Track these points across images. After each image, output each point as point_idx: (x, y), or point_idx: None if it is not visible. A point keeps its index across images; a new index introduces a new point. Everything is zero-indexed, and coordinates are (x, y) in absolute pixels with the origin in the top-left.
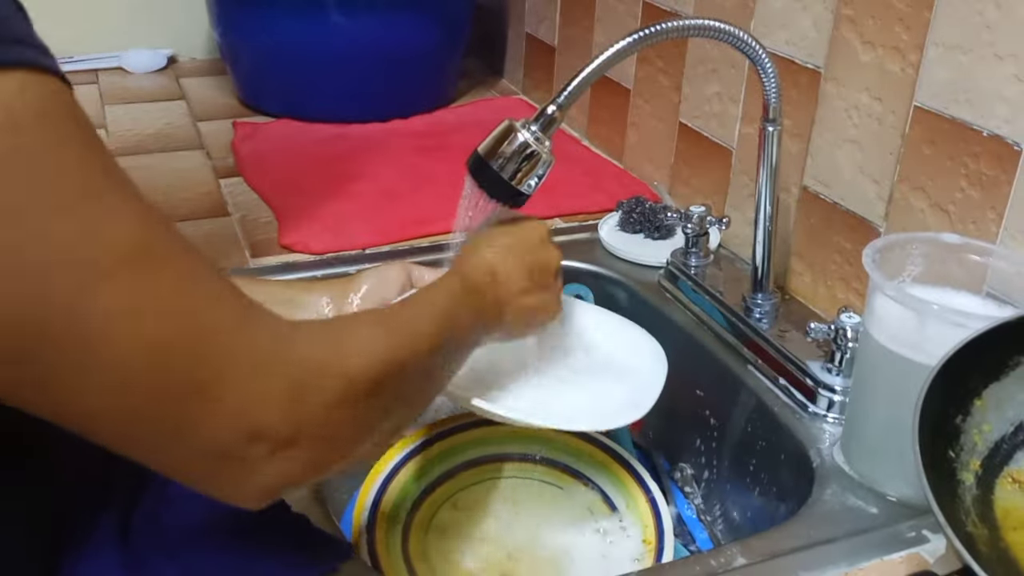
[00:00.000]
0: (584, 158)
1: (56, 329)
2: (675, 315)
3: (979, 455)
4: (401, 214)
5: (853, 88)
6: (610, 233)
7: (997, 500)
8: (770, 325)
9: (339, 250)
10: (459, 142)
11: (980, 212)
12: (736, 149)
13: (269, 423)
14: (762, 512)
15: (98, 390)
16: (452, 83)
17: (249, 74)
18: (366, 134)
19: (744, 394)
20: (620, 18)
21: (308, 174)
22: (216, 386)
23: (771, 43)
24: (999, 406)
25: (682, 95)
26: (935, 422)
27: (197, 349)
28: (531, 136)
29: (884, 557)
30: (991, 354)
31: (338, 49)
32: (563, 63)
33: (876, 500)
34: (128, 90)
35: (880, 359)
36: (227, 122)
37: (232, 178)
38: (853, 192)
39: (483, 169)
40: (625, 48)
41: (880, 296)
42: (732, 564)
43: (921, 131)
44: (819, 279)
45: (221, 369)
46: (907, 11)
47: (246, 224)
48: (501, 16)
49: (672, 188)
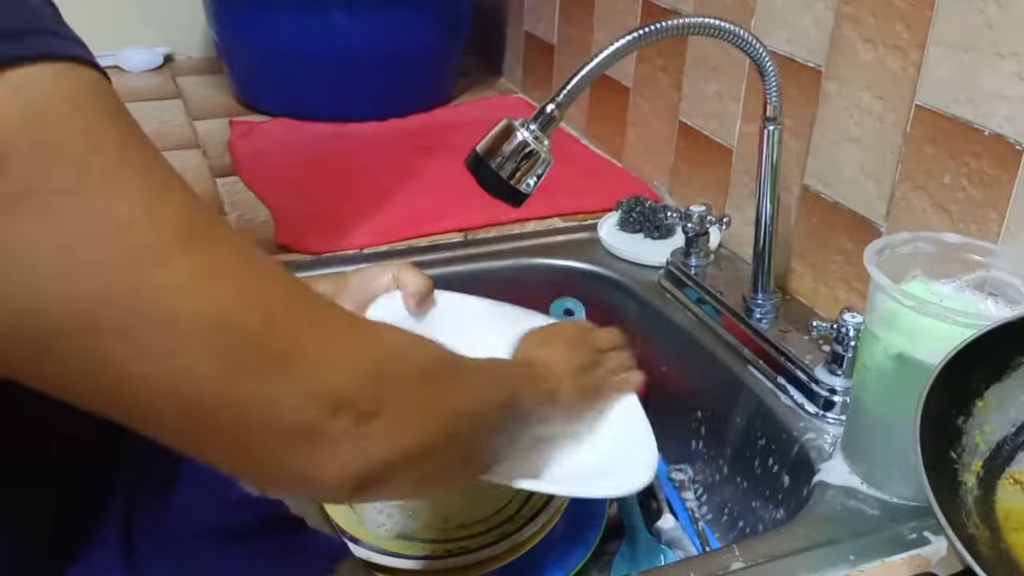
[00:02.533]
0: (583, 157)
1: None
2: (675, 315)
3: (981, 456)
4: (399, 213)
5: (854, 87)
6: (610, 233)
7: (999, 501)
8: (771, 325)
9: (336, 250)
10: (458, 141)
11: (982, 212)
12: (736, 148)
13: (353, 392)
14: (762, 513)
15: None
16: (450, 82)
17: (246, 72)
18: (364, 133)
19: (744, 395)
20: (619, 16)
21: (305, 173)
22: (295, 354)
23: (772, 41)
24: (1001, 407)
25: (682, 94)
26: (937, 423)
27: (270, 318)
28: (530, 135)
29: (885, 559)
30: (993, 354)
31: (336, 47)
32: (562, 62)
33: (877, 502)
34: (124, 88)
35: (881, 359)
36: (224, 121)
37: (228, 177)
38: (854, 191)
39: (482, 168)
40: (625, 46)
41: (881, 296)
42: (732, 566)
43: (922, 130)
44: (820, 279)
45: (298, 337)
46: (908, 9)
47: (242, 223)
48: (500, 14)
49: (672, 187)
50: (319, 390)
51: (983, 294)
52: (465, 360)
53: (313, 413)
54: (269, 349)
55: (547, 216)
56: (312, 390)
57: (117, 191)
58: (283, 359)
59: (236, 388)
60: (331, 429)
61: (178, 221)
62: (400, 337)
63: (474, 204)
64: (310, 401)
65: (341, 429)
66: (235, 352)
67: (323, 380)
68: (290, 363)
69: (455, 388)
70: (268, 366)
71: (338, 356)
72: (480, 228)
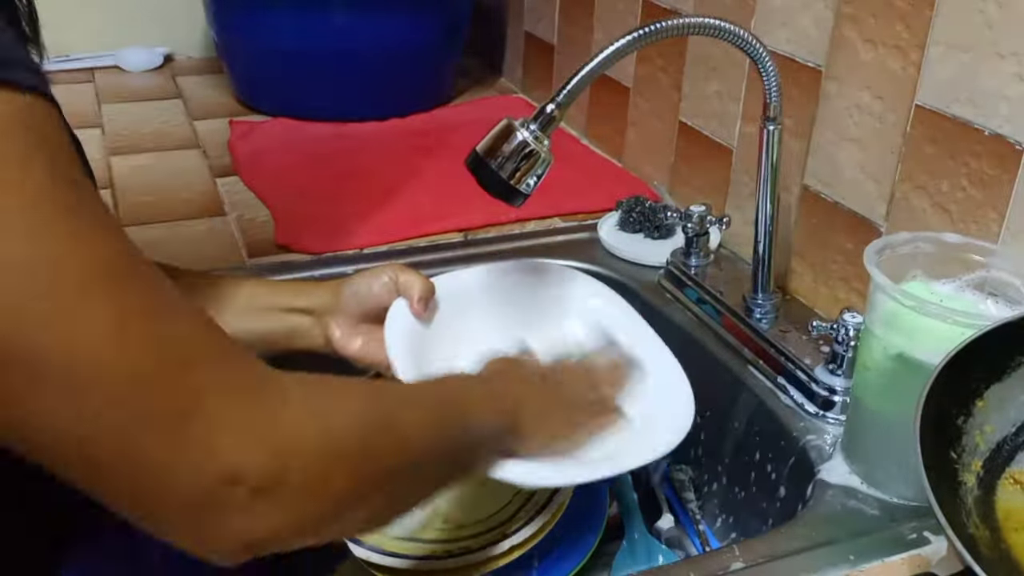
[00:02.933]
0: (583, 157)
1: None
2: (675, 315)
3: (981, 456)
4: (399, 213)
5: (854, 87)
6: (610, 233)
7: (999, 501)
8: (771, 325)
9: (336, 250)
10: (458, 141)
11: (981, 212)
12: (736, 148)
13: (250, 464)
14: (762, 513)
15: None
16: (451, 81)
17: (246, 72)
18: (364, 133)
19: (744, 394)
20: (619, 16)
21: (305, 173)
22: (193, 418)
23: (771, 41)
24: (1001, 407)
25: (682, 94)
26: (936, 423)
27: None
28: (530, 135)
29: (885, 559)
30: (993, 354)
31: (336, 47)
32: (562, 62)
33: (877, 501)
34: (124, 89)
35: (881, 359)
36: (224, 121)
37: (228, 177)
38: (854, 191)
39: (482, 168)
40: (625, 46)
41: (881, 296)
42: (732, 566)
43: (922, 130)
44: (820, 279)
45: (201, 401)
46: (908, 9)
47: (243, 223)
48: (500, 14)
49: (672, 187)
50: (216, 461)
51: (983, 294)
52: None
53: (209, 483)
54: (168, 411)
55: (547, 216)
56: (209, 460)
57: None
58: (182, 423)
59: (132, 446)
60: (227, 501)
61: (94, 265)
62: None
63: (474, 204)
64: (206, 471)
65: (238, 502)
66: (133, 409)
67: (221, 451)
68: (189, 429)
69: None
70: (166, 428)
71: (240, 428)
72: (480, 228)
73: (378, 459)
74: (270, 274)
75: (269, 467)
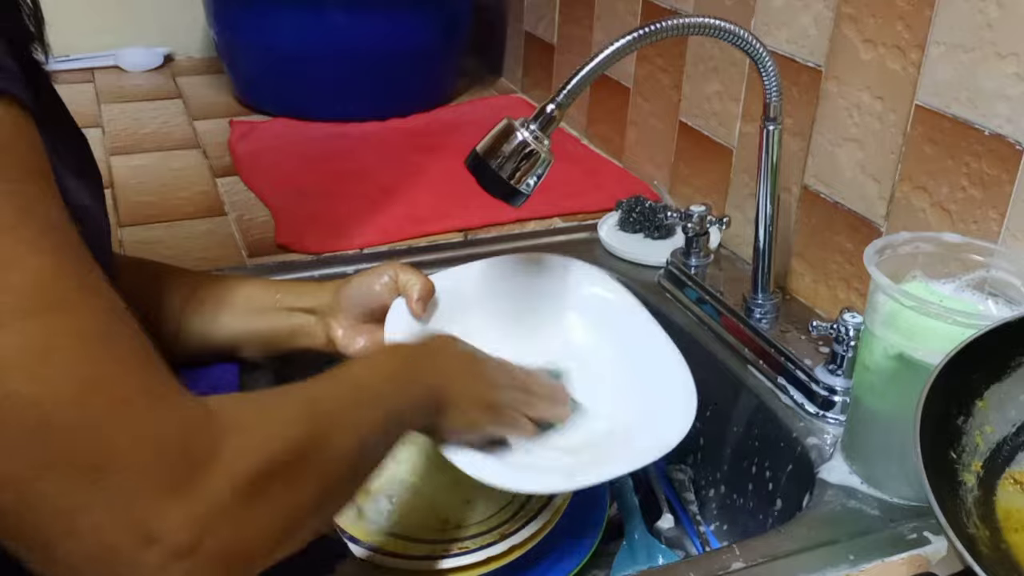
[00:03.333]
0: (583, 157)
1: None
2: (675, 315)
3: (980, 456)
4: (399, 213)
5: (854, 87)
6: (609, 233)
7: (998, 501)
8: (771, 325)
9: (336, 250)
10: (458, 141)
11: (982, 212)
12: (736, 148)
13: (168, 529)
14: (762, 513)
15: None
16: (451, 81)
17: (246, 72)
18: (364, 133)
19: (744, 394)
20: (620, 16)
21: (305, 173)
22: (111, 470)
23: (772, 41)
24: (1001, 407)
25: (682, 94)
26: (936, 423)
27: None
28: (530, 135)
29: (885, 559)
30: (993, 354)
31: (336, 47)
32: (562, 61)
33: (877, 502)
34: (124, 89)
35: (881, 359)
36: (224, 121)
37: (229, 177)
38: (854, 191)
39: (482, 168)
40: (625, 46)
41: (881, 296)
42: (732, 566)
43: (922, 130)
44: (820, 279)
45: (119, 449)
46: (908, 9)
47: (243, 223)
48: (500, 14)
49: (672, 187)
50: (127, 518)
51: (983, 294)
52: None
53: (120, 540)
54: (84, 454)
55: (547, 216)
56: (119, 516)
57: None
58: (96, 471)
59: (42, 487)
60: (140, 562)
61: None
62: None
63: (474, 204)
64: (118, 526)
65: (151, 565)
66: (46, 447)
67: (136, 508)
68: (104, 478)
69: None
70: (79, 473)
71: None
72: (480, 228)
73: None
74: (270, 274)
75: (188, 532)
